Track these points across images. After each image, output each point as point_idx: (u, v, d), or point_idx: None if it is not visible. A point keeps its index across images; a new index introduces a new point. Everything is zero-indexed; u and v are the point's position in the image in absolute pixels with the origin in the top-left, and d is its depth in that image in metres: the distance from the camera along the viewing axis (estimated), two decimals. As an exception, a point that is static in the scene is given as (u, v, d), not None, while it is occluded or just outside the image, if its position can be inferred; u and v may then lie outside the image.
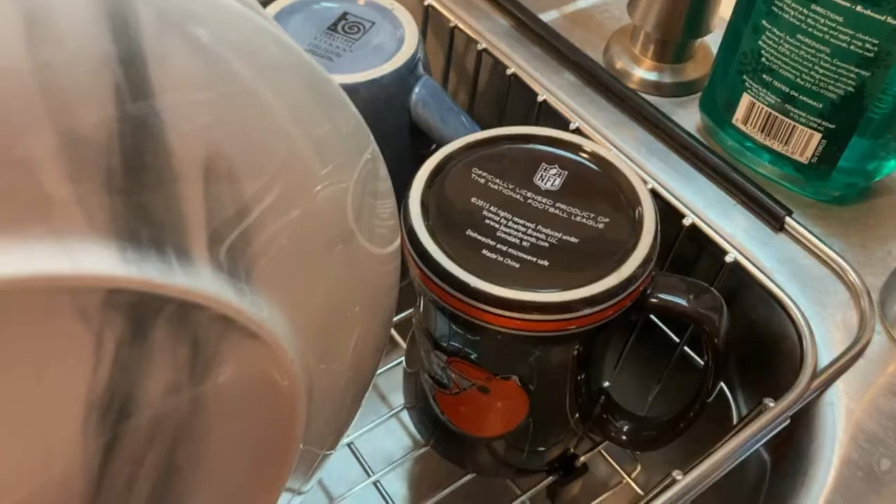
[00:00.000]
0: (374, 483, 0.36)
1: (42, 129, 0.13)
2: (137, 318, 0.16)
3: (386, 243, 0.24)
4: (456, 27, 0.40)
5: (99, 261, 0.14)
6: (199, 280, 0.16)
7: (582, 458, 0.36)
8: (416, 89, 0.34)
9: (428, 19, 0.40)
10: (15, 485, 0.17)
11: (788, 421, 0.27)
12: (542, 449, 0.35)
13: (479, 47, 0.39)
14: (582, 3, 0.44)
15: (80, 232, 0.14)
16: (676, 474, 0.24)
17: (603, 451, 0.37)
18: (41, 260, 0.14)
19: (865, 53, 0.30)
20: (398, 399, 0.38)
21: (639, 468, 0.36)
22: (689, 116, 0.39)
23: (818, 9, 0.30)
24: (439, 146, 0.31)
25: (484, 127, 0.35)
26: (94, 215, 0.14)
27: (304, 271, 0.20)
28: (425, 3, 0.40)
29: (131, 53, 0.14)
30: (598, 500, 0.35)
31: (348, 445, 0.36)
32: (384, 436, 0.41)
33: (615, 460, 0.36)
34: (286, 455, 0.24)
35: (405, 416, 0.40)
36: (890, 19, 0.28)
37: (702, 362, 0.34)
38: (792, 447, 0.28)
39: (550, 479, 0.36)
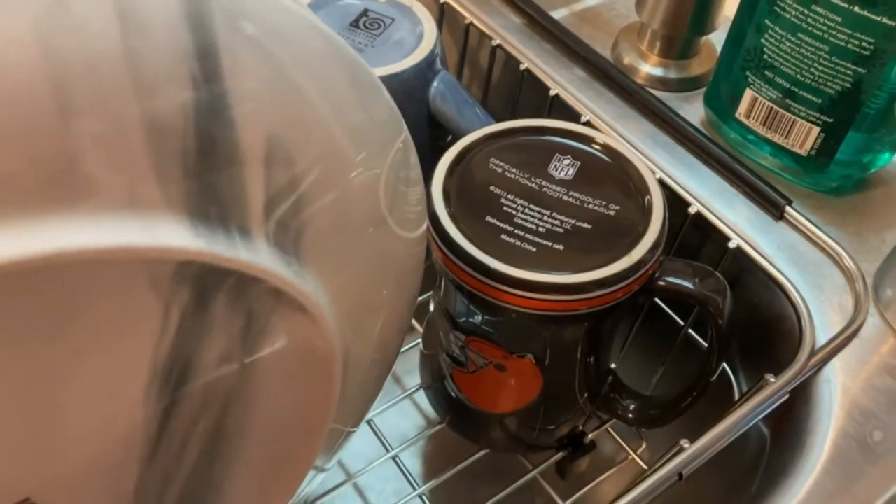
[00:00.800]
0: (393, 458, 0.37)
1: (131, 112, 0.14)
2: (201, 290, 0.18)
3: (414, 228, 0.25)
4: (471, 24, 0.41)
5: (174, 235, 0.16)
6: (257, 255, 0.18)
7: (590, 436, 0.37)
8: (435, 83, 0.36)
9: (444, 16, 0.41)
10: (84, 440, 0.19)
11: (787, 396, 0.28)
12: (552, 426, 0.36)
13: (493, 43, 0.40)
14: (591, 1, 0.45)
15: (157, 209, 0.15)
16: (684, 443, 0.26)
17: (610, 429, 0.38)
18: (124, 233, 0.15)
19: (862, 52, 0.31)
20: (412, 381, 0.40)
21: (644, 445, 0.38)
22: (693, 110, 0.40)
23: (818, 9, 0.31)
24: (456, 137, 0.33)
25: (497, 119, 0.36)
26: (170, 194, 0.15)
27: (343, 251, 0.22)
28: (441, 1, 0.41)
29: (206, 47, 0.15)
30: (604, 476, 0.37)
31: (367, 423, 0.38)
32: (399, 416, 0.43)
33: (622, 438, 0.38)
34: (320, 426, 0.25)
35: (419, 397, 0.41)
36: (885, 19, 0.29)
37: (705, 344, 0.35)
38: (791, 421, 0.29)
39: (560, 455, 0.38)
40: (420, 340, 0.37)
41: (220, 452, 0.23)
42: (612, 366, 0.35)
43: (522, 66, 0.38)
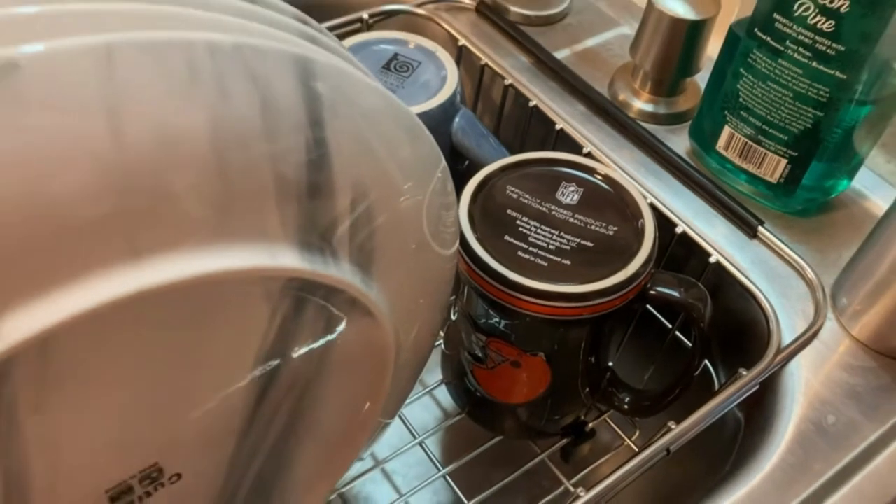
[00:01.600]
0: (420, 444, 0.42)
1: (267, 171, 0.19)
2: (299, 299, 0.23)
3: (449, 246, 0.30)
4: (485, 65, 0.45)
5: (288, 259, 0.20)
6: (342, 272, 0.22)
7: (590, 425, 0.41)
8: (457, 119, 0.40)
9: (462, 57, 0.46)
10: (200, 414, 0.23)
11: (758, 387, 0.33)
12: (557, 416, 0.40)
13: (506, 82, 0.44)
14: (590, 43, 0.49)
15: (278, 240, 0.20)
16: (671, 424, 0.31)
17: (608, 419, 0.42)
18: (257, 258, 0.20)
19: (820, 98, 0.36)
20: (431, 378, 0.44)
21: (637, 433, 0.42)
22: (679, 142, 0.44)
23: (783, 62, 0.36)
24: (473, 165, 0.37)
25: (509, 150, 0.41)
26: (287, 228, 0.20)
27: (396, 267, 0.26)
28: (459, 44, 0.46)
29: (316, 121, 0.20)
30: (603, 459, 0.41)
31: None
32: (421, 409, 0.47)
33: (618, 426, 0.42)
34: (374, 411, 0.30)
35: (437, 393, 0.46)
36: (838, 73, 0.34)
37: (689, 344, 0.39)
38: (761, 408, 0.34)
39: (564, 441, 0.41)
40: (441, 342, 0.42)
41: (295, 431, 0.28)
42: (610, 364, 0.39)
43: (532, 103, 0.43)
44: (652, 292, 0.33)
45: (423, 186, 0.26)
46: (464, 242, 0.33)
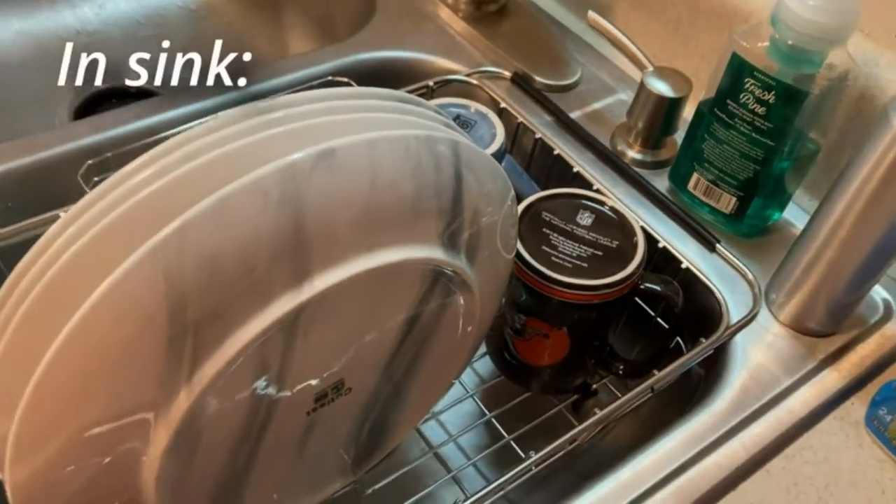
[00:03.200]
0: (472, 397, 0.55)
1: (434, 203, 0.33)
2: (436, 278, 0.36)
3: (511, 251, 0.44)
4: (520, 122, 0.57)
5: (438, 254, 0.34)
6: (461, 262, 0.36)
7: (594, 386, 0.52)
8: (503, 164, 0.54)
9: (502, 116, 0.60)
10: (367, 350, 0.37)
11: (713, 351, 0.46)
12: (570, 378, 0.52)
13: (536, 136, 0.56)
14: (596, 106, 0.61)
15: (434, 243, 0.34)
16: (654, 372, 0.45)
17: (607, 382, 0.53)
18: (421, 253, 0.34)
19: (758, 157, 0.50)
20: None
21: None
22: (661, 182, 0.56)
23: (733, 132, 0.49)
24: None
25: (538, 186, 0.55)
26: (439, 235, 0.34)
27: (484, 262, 0.40)
28: (500, 106, 0.58)
29: (458, 173, 0.34)
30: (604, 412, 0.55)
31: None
32: (464, 377, 0.60)
33: (614, 387, 0.53)
34: (462, 361, 0.43)
35: (476, 366, 0.59)
36: (769, 141, 0.48)
37: (667, 326, 0.51)
38: (715, 366, 0.47)
39: (574, 397, 0.53)
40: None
41: (415, 365, 0.41)
42: (609, 340, 0.53)
43: (555, 152, 0.55)
44: (641, 287, 0.46)
45: (500, 209, 0.40)
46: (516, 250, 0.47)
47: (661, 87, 0.55)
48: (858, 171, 0.41)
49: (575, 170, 0.55)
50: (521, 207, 0.48)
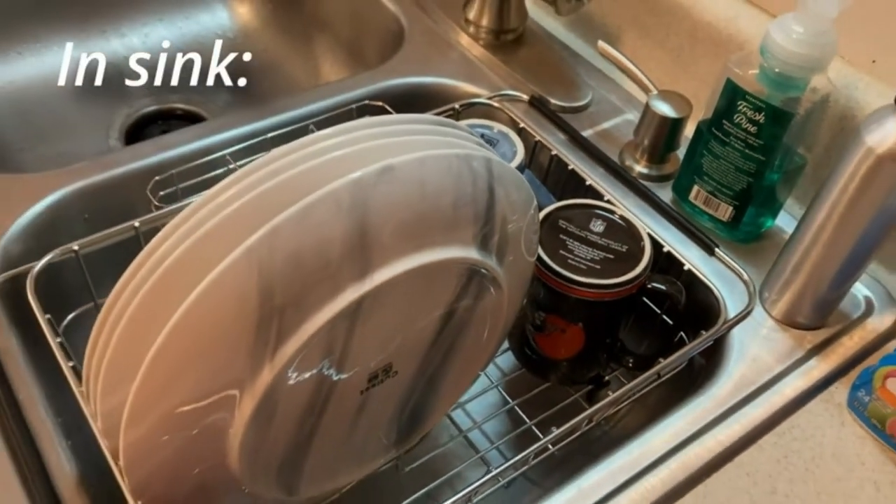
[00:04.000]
0: (496, 387, 0.61)
1: (471, 211, 0.39)
2: (471, 276, 0.42)
3: (533, 254, 0.49)
4: (538, 141, 0.63)
5: (473, 255, 0.40)
6: (492, 262, 0.42)
7: (606, 378, 0.57)
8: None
9: (521, 134, 0.66)
10: (412, 335, 0.42)
11: (712, 342, 0.52)
12: (585, 370, 0.58)
13: (552, 153, 0.62)
14: (606, 125, 0.67)
15: (470, 245, 0.40)
16: (661, 360, 0.50)
17: (618, 374, 0.58)
18: (458, 253, 0.39)
19: (750, 170, 0.55)
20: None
21: (637, 383, 0.61)
22: (665, 194, 0.61)
23: (728, 148, 0.55)
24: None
25: (554, 197, 0.60)
26: (474, 238, 0.40)
27: (510, 264, 0.45)
28: (519, 126, 0.63)
29: (491, 186, 0.40)
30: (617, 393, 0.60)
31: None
32: (487, 371, 0.65)
33: (624, 379, 0.57)
34: (490, 352, 0.49)
35: (498, 360, 0.64)
36: (760, 156, 0.54)
37: (671, 322, 0.56)
38: (714, 356, 0.52)
39: (589, 388, 0.58)
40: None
41: (451, 355, 0.46)
42: (620, 336, 0.58)
43: (570, 167, 0.60)
44: (648, 286, 0.51)
45: (524, 217, 0.45)
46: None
47: (665, 109, 0.61)
48: (837, 183, 0.47)
49: (587, 183, 0.60)
50: (540, 216, 0.53)
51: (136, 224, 0.53)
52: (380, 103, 0.66)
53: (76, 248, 0.50)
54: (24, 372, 0.46)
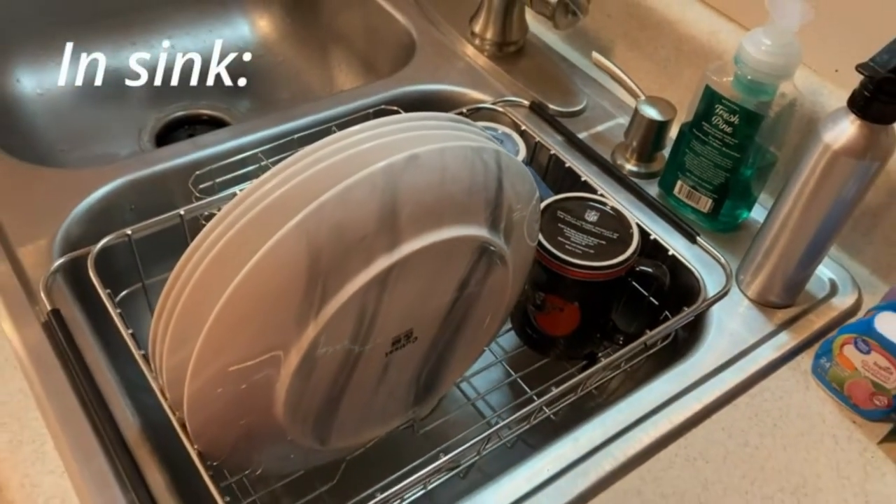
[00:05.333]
0: (501, 362, 0.66)
1: (482, 196, 0.45)
2: (482, 253, 0.47)
3: (534, 240, 0.55)
4: (538, 142, 0.68)
5: (484, 234, 0.46)
6: (500, 241, 0.48)
7: (599, 354, 0.63)
8: (525, 173, 0.66)
9: (523, 136, 0.72)
10: (431, 304, 0.48)
11: (693, 318, 0.58)
12: (580, 348, 0.63)
13: (551, 152, 0.67)
14: (599, 128, 0.72)
15: (482, 224, 0.46)
16: (647, 331, 0.56)
17: (610, 352, 0.65)
18: (471, 231, 0.45)
19: (727, 167, 0.61)
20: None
21: (627, 359, 0.67)
22: (653, 189, 0.67)
23: (707, 147, 0.61)
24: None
25: (553, 191, 0.66)
26: (486, 219, 0.46)
27: (515, 245, 0.51)
28: (521, 129, 0.69)
29: (500, 176, 0.46)
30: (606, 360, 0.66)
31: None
32: (492, 347, 0.71)
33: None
34: (496, 327, 0.55)
35: (501, 340, 0.70)
36: (735, 154, 0.60)
37: (657, 303, 0.62)
38: (695, 331, 0.59)
39: (584, 363, 0.65)
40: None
41: (461, 328, 0.51)
42: (612, 317, 0.65)
43: (566, 165, 0.66)
44: (637, 269, 0.57)
45: (527, 206, 0.50)
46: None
47: (652, 113, 0.67)
48: (800, 176, 0.53)
49: (583, 179, 0.66)
50: (541, 206, 0.59)
51: (182, 212, 0.58)
52: (395, 108, 0.72)
53: (129, 232, 0.56)
54: (90, 339, 0.52)
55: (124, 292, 0.58)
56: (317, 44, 1.01)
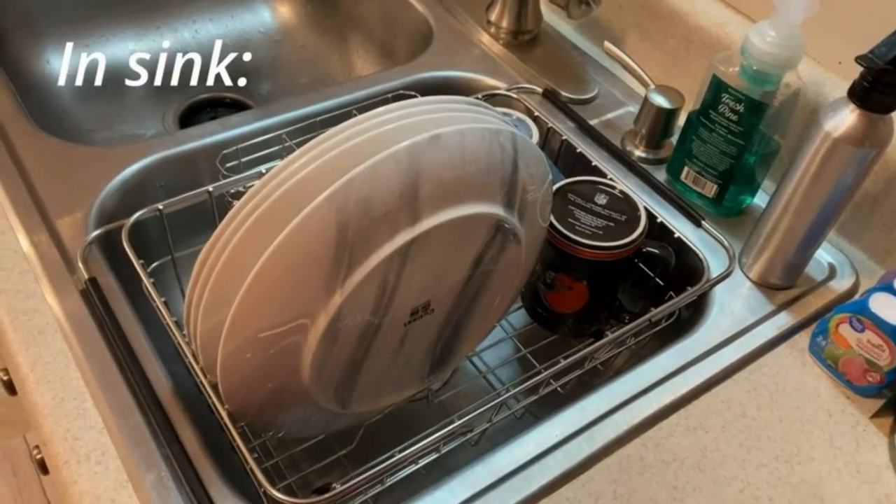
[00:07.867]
0: (511, 338, 0.69)
1: (498, 175, 0.47)
2: (497, 229, 0.50)
3: (546, 220, 0.58)
4: (550, 127, 0.71)
5: (500, 211, 0.48)
6: (515, 219, 0.50)
7: (606, 332, 0.68)
8: (537, 157, 0.68)
9: (536, 122, 0.74)
10: (447, 278, 0.51)
11: (697, 297, 0.60)
12: (588, 325, 0.66)
13: (563, 138, 0.70)
14: (609, 115, 0.75)
15: (497, 203, 0.48)
16: (652, 308, 0.58)
17: (616, 329, 0.70)
18: (487, 209, 0.48)
19: (732, 153, 0.64)
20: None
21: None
22: (660, 175, 0.69)
23: (714, 134, 0.64)
24: (548, 183, 0.65)
25: (564, 175, 0.69)
26: (502, 198, 0.48)
27: (528, 225, 0.54)
28: (535, 115, 0.72)
29: (515, 157, 0.48)
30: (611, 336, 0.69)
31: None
32: (500, 325, 0.74)
33: None
34: (508, 302, 0.57)
35: (511, 318, 0.73)
36: (740, 141, 0.63)
37: (662, 284, 0.65)
38: (698, 309, 0.61)
39: (591, 340, 0.67)
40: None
41: (475, 302, 0.54)
42: (619, 297, 0.68)
43: (577, 150, 0.68)
44: (644, 249, 0.59)
45: (541, 187, 0.53)
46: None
47: (661, 101, 0.69)
48: (801, 163, 0.55)
49: (593, 164, 0.68)
50: (553, 189, 0.62)
51: (210, 189, 0.61)
52: (412, 93, 0.75)
53: (161, 207, 0.59)
54: (124, 306, 0.55)
55: (155, 264, 0.61)
56: (336, 30, 1.03)
